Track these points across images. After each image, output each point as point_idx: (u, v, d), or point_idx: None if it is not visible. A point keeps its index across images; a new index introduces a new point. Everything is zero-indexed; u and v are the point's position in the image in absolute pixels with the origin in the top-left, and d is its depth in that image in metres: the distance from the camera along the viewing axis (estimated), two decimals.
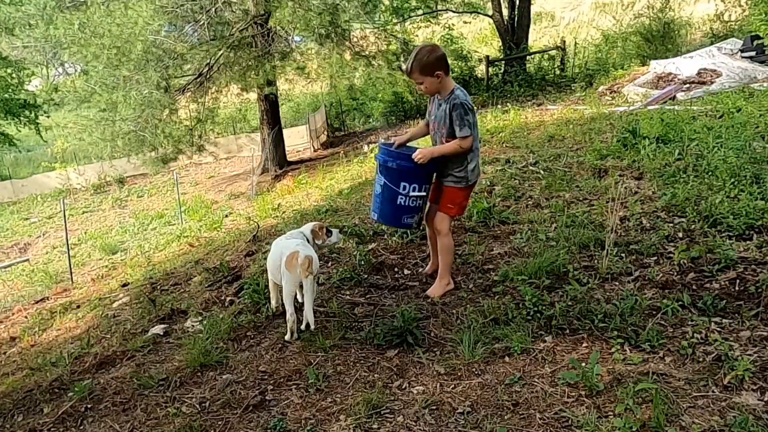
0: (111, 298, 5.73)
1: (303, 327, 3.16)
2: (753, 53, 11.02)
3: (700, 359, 2.45)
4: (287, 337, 3.12)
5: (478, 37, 25.92)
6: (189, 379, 2.97)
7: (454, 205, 3.35)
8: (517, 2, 18.11)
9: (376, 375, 2.71)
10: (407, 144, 3.55)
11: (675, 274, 3.23)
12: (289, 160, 18.24)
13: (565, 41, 18.48)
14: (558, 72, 17.48)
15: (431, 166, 3.27)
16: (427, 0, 18.93)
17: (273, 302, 3.48)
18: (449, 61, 3.30)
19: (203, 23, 13.39)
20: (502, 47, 18.88)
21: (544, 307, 2.99)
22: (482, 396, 2.42)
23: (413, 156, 3.18)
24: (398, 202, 3.30)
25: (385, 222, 3.58)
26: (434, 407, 2.40)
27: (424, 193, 3.34)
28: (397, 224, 3.53)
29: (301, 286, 3.09)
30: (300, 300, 3.24)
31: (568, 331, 2.83)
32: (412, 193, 3.28)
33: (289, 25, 13.03)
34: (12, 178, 24.10)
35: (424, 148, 3.25)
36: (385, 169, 3.32)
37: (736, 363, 2.33)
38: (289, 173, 15.73)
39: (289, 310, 3.08)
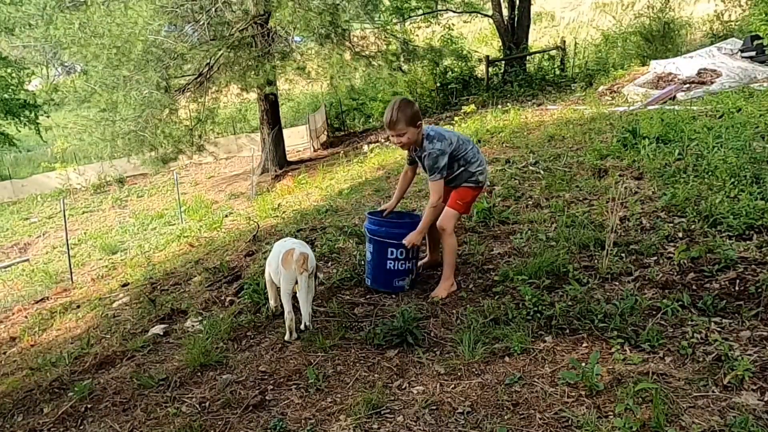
0: (111, 298, 5.73)
1: (302, 327, 3.16)
2: (753, 53, 11.02)
3: (700, 359, 2.45)
4: (287, 336, 3.12)
5: (478, 37, 25.92)
6: (189, 379, 2.98)
7: (463, 202, 3.44)
8: (517, 2, 18.11)
9: (376, 375, 2.71)
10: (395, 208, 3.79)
11: (675, 274, 3.23)
12: (289, 160, 18.24)
13: (565, 41, 18.48)
14: (558, 72, 17.48)
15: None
16: (427, 0, 18.94)
17: (272, 302, 3.49)
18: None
19: (203, 23, 13.39)
20: (502, 47, 18.88)
21: (544, 307, 2.99)
22: (482, 396, 2.42)
23: (404, 242, 3.39)
24: (388, 267, 3.50)
25: (377, 287, 3.64)
26: (434, 407, 2.40)
27: (413, 257, 3.52)
28: (389, 288, 3.60)
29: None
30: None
31: (568, 331, 2.83)
32: (400, 257, 3.46)
33: (289, 25, 13.02)
34: (12, 178, 24.09)
35: (410, 234, 3.42)
36: (372, 238, 3.52)
37: (736, 363, 2.33)
38: (289, 173, 15.72)
39: (287, 308, 3.09)
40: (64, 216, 12.70)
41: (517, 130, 8.56)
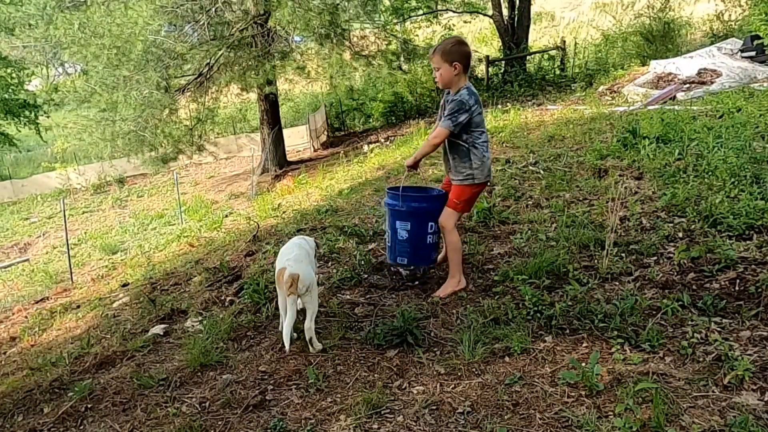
0: (111, 298, 5.73)
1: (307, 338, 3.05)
2: (753, 53, 11.01)
3: (700, 359, 2.45)
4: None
5: (478, 37, 25.91)
6: (189, 379, 2.98)
7: (460, 201, 3.40)
8: (517, 2, 18.10)
9: (376, 375, 2.71)
10: (419, 185, 3.80)
11: (675, 274, 3.23)
12: (289, 160, 18.24)
13: (565, 41, 18.47)
14: (558, 72, 17.47)
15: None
16: (427, 0, 18.93)
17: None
18: (467, 47, 3.36)
19: (203, 23, 13.39)
20: (502, 47, 18.88)
21: (544, 307, 2.99)
22: (482, 396, 2.42)
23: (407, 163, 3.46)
24: (428, 242, 3.49)
25: (417, 264, 3.64)
26: (434, 407, 2.40)
27: (438, 229, 3.52)
28: (428, 262, 3.63)
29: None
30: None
31: (568, 331, 2.83)
32: (436, 231, 3.48)
33: (289, 25, 13.00)
34: (12, 178, 24.11)
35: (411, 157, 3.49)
36: (411, 214, 3.43)
37: (736, 363, 2.33)
38: (289, 173, 15.73)
39: (281, 320, 3.03)
40: (64, 216, 12.70)
41: (517, 130, 8.56)
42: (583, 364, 2.45)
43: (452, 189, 3.44)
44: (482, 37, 25.67)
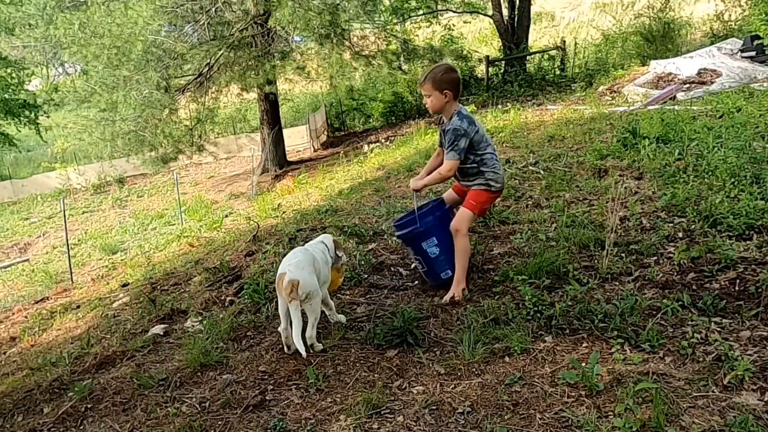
0: (111, 298, 5.73)
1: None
2: (753, 53, 11.01)
3: (700, 359, 2.45)
4: (285, 348, 3.05)
5: (478, 37, 25.92)
6: (189, 379, 2.98)
7: (477, 203, 3.41)
8: (517, 2, 18.11)
9: (376, 375, 2.71)
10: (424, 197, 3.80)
11: (675, 274, 3.23)
12: (289, 160, 18.25)
13: (565, 41, 18.48)
14: (558, 72, 17.48)
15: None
16: (427, 0, 18.93)
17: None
18: (450, 61, 3.39)
19: (203, 23, 13.39)
20: (502, 47, 18.88)
21: (544, 307, 2.99)
22: (482, 396, 2.42)
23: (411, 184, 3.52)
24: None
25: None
26: (434, 407, 2.40)
27: None
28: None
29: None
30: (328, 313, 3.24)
31: (568, 331, 2.83)
32: None
33: (289, 25, 13.02)
34: (12, 178, 24.12)
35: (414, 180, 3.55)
36: (431, 228, 3.43)
37: (736, 363, 2.33)
38: (289, 173, 15.73)
39: (282, 324, 2.98)
40: (64, 216, 12.71)
41: (517, 130, 8.55)
42: (583, 364, 2.45)
43: (469, 193, 3.45)
44: (482, 37, 25.69)
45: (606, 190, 4.75)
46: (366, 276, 3.89)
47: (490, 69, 18.05)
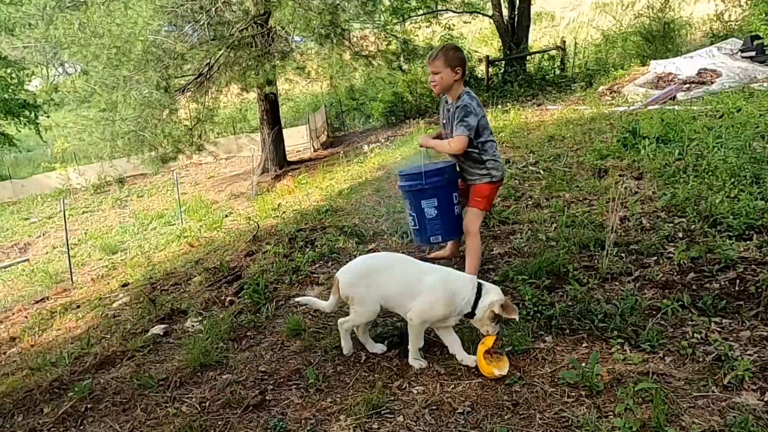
0: (111, 298, 5.73)
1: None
2: (753, 53, 11.01)
3: (700, 359, 2.45)
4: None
5: (478, 37, 25.92)
6: (189, 379, 2.98)
7: (482, 198, 3.42)
8: (517, 2, 18.10)
9: (376, 375, 2.71)
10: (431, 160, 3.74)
11: (675, 274, 3.23)
12: (289, 160, 18.24)
13: (565, 41, 18.46)
14: (558, 72, 17.46)
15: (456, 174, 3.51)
16: (427, 0, 18.93)
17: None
18: (464, 54, 3.45)
19: (203, 23, 13.38)
20: (502, 47, 18.87)
21: (544, 307, 2.99)
22: (482, 396, 2.42)
23: (421, 142, 3.50)
24: (456, 213, 3.47)
25: (451, 237, 3.62)
26: (434, 407, 2.40)
27: (459, 200, 3.53)
28: (460, 235, 3.60)
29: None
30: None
31: (568, 331, 2.83)
32: (458, 202, 3.48)
33: (289, 25, 13.01)
34: (12, 178, 24.13)
35: (425, 138, 3.54)
36: (437, 188, 3.37)
37: (736, 363, 2.33)
38: (289, 173, 15.73)
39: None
40: (64, 216, 12.71)
41: (517, 130, 8.55)
42: (583, 364, 2.45)
43: (471, 190, 3.46)
44: (482, 37, 25.69)
45: (606, 190, 4.75)
46: None
47: (490, 69, 18.04)
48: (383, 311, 2.82)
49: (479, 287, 2.62)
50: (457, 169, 3.52)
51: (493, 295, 2.60)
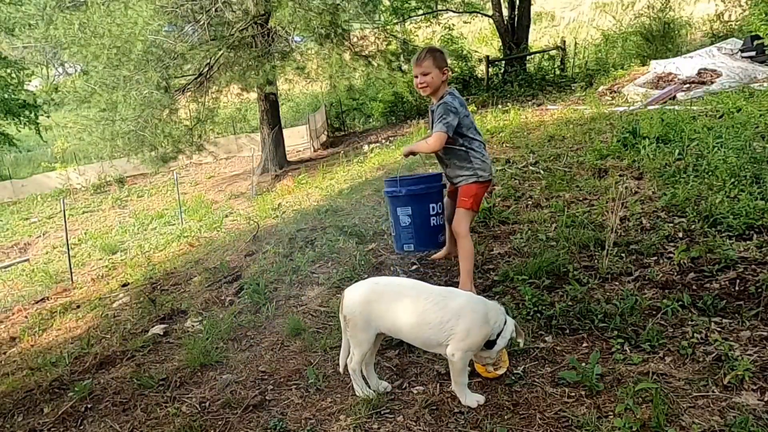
0: (111, 298, 5.73)
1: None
2: (753, 53, 11.01)
3: (700, 359, 2.45)
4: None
5: (478, 37, 25.92)
6: (189, 379, 2.98)
7: (468, 197, 3.37)
8: (517, 2, 18.10)
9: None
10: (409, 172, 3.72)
11: (675, 274, 3.23)
12: (289, 160, 18.24)
13: (565, 41, 18.47)
14: (558, 72, 17.46)
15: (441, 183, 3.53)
16: (427, 0, 18.93)
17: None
18: (450, 61, 3.45)
19: (203, 23, 13.38)
20: (502, 47, 18.87)
21: (544, 307, 2.99)
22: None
23: (403, 149, 3.45)
24: (432, 224, 3.47)
25: (424, 248, 3.64)
26: (434, 407, 2.40)
27: (441, 210, 3.53)
28: (435, 245, 3.62)
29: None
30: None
31: (568, 331, 2.83)
32: (439, 212, 3.48)
33: (289, 25, 13.02)
34: (12, 178, 24.13)
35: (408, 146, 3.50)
36: (411, 197, 3.42)
37: (736, 363, 2.33)
38: (289, 173, 15.72)
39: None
40: (64, 216, 12.70)
41: (517, 130, 8.55)
42: (583, 364, 2.45)
43: (459, 191, 3.42)
44: (482, 37, 25.68)
45: (606, 190, 4.75)
46: (366, 276, 3.89)
47: (490, 69, 18.04)
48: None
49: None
50: (444, 175, 3.51)
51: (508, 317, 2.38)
